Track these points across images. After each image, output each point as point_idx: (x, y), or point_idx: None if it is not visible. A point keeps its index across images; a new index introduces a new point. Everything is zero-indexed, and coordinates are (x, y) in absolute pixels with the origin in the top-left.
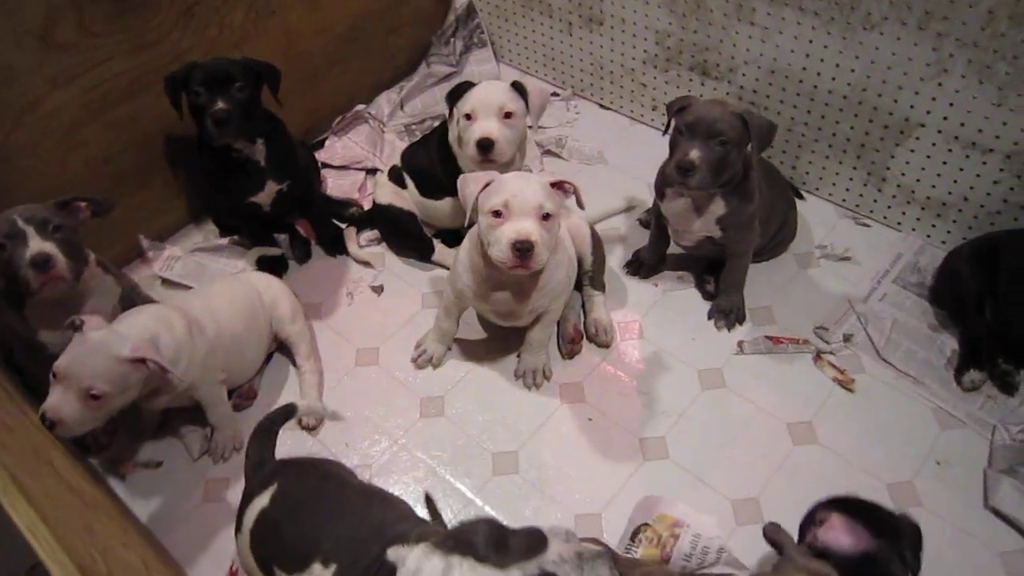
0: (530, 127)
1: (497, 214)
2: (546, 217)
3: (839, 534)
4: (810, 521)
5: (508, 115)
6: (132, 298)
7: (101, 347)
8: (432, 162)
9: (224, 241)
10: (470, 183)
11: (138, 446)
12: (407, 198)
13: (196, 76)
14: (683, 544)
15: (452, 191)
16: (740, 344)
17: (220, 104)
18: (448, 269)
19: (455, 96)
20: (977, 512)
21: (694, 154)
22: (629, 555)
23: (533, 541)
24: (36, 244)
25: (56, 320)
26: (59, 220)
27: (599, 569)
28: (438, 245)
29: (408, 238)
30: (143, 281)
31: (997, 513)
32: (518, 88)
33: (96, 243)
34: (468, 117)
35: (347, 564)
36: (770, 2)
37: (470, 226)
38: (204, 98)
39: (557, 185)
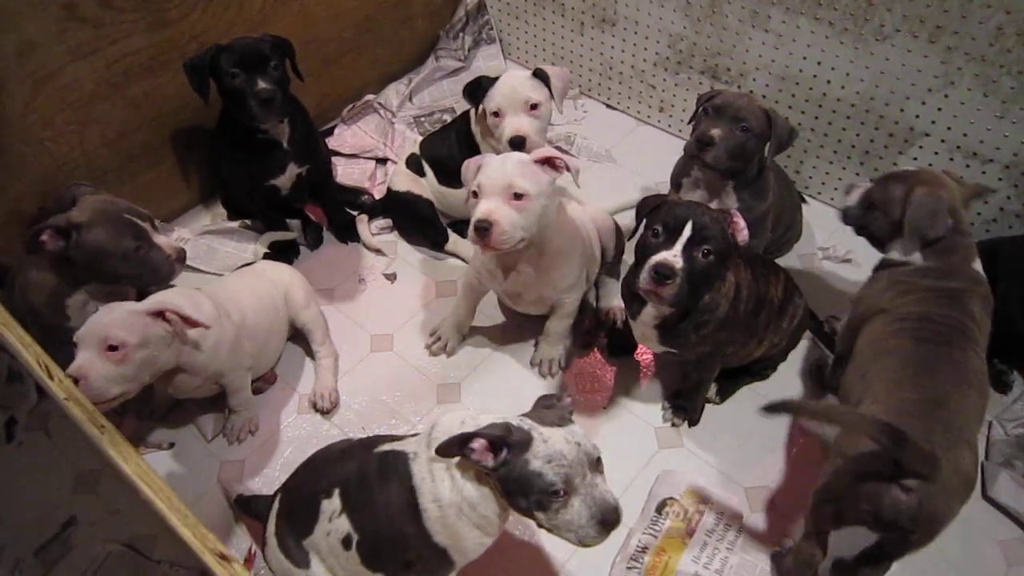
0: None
1: (475, 195)
2: (518, 196)
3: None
4: None
5: (534, 107)
6: None
7: (117, 305)
8: (452, 151)
9: (234, 224)
10: (470, 167)
11: (149, 428)
12: (425, 186)
13: (228, 58)
14: (707, 520)
15: None
16: None
17: (263, 84)
18: (459, 258)
19: (476, 93)
20: (976, 503)
21: (715, 131)
22: (656, 527)
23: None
24: (162, 240)
25: (90, 311)
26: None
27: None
28: (452, 235)
29: (424, 225)
30: None
31: (995, 504)
32: (540, 76)
33: None
34: (496, 114)
35: (352, 478)
36: (785, 10)
37: None
38: (242, 79)
39: (547, 162)
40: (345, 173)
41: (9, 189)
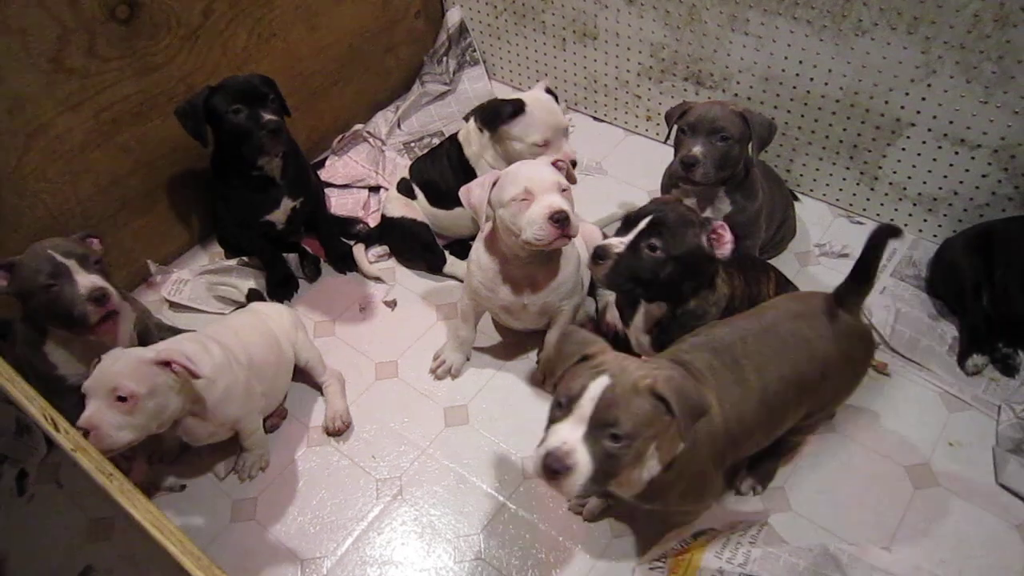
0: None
1: (521, 199)
2: (564, 191)
3: None
4: None
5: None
6: (145, 322)
7: (126, 353)
8: (445, 175)
9: (232, 262)
10: (475, 189)
11: (160, 472)
12: (418, 209)
13: (225, 97)
14: None
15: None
16: None
17: (269, 115)
18: (460, 280)
19: (495, 121)
20: (991, 488)
21: (697, 149)
22: None
23: None
24: (84, 279)
25: (75, 351)
26: (90, 253)
27: None
28: (449, 257)
29: (421, 249)
30: (150, 305)
31: (1008, 489)
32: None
33: None
34: (538, 144)
35: None
36: (763, 12)
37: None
38: (246, 114)
39: (556, 165)
40: (339, 204)
41: (6, 242)
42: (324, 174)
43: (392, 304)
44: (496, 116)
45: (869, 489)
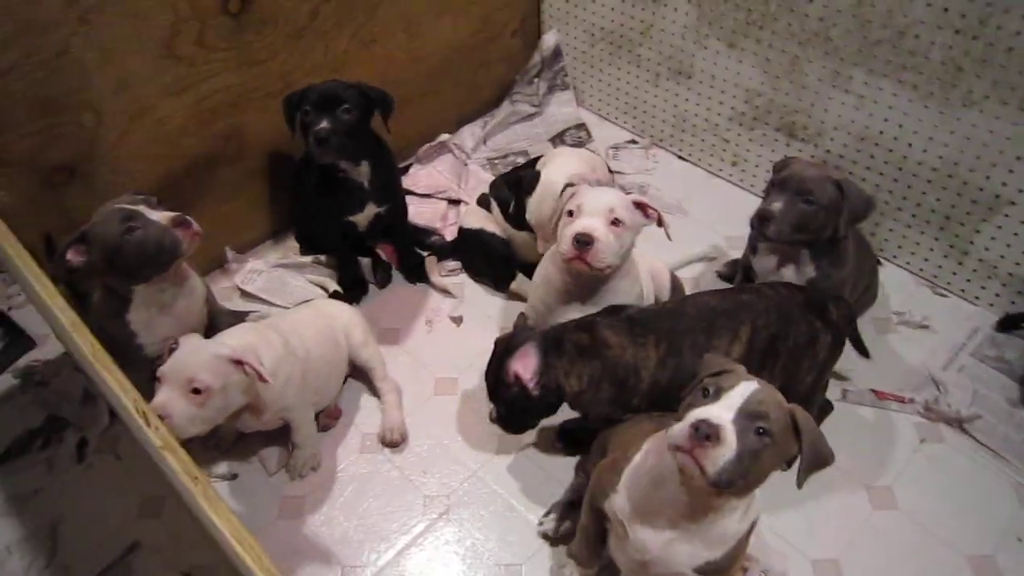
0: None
1: (570, 214)
2: (616, 223)
3: None
4: None
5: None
6: (211, 302)
7: (202, 346)
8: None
9: (307, 259)
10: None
11: (213, 459)
12: (497, 223)
13: (309, 97)
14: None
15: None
16: (844, 392)
17: (323, 124)
18: (523, 300)
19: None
20: None
21: (775, 205)
22: None
23: None
24: (158, 214)
25: (155, 324)
26: (150, 198)
27: None
28: (519, 275)
29: (496, 261)
30: (221, 292)
31: None
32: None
33: None
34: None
35: None
36: (869, 72)
37: None
38: (311, 117)
39: (640, 207)
40: (417, 212)
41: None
42: (406, 181)
43: (458, 320)
44: (506, 203)
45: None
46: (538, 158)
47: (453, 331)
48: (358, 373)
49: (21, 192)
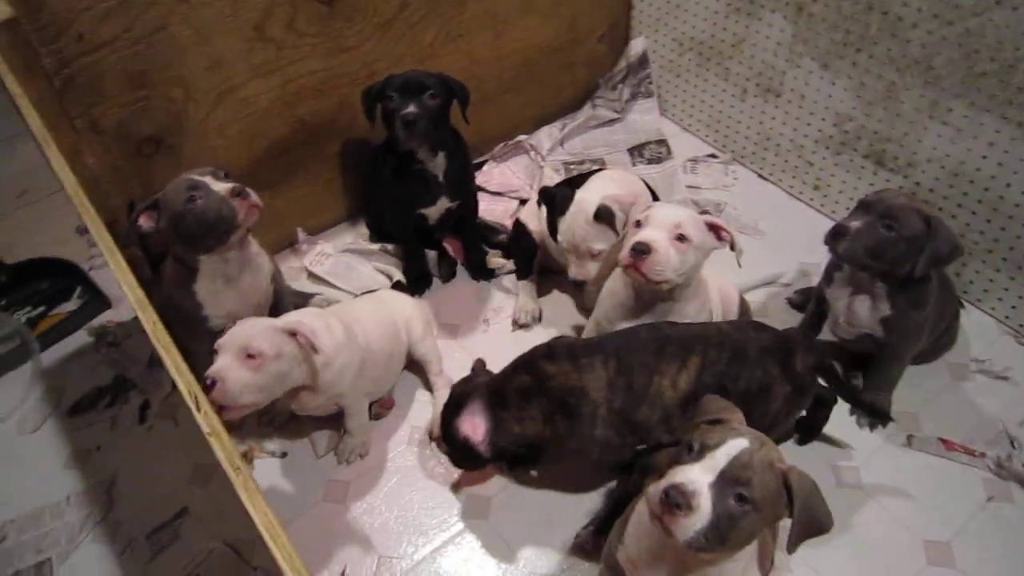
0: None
1: (637, 224)
2: (681, 239)
3: None
4: None
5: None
6: (278, 280)
7: (258, 319)
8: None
9: (375, 247)
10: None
11: (266, 434)
12: (540, 223)
13: (392, 84)
14: None
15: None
16: (909, 438)
17: (411, 108)
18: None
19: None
20: None
21: (853, 224)
22: None
23: None
24: (220, 185)
25: (220, 296)
26: (219, 170)
27: None
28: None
29: (522, 253)
30: (289, 271)
31: None
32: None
33: (253, 228)
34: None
35: None
36: (970, 105)
37: None
38: (397, 102)
39: (714, 228)
40: (487, 209)
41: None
42: (480, 178)
43: (517, 323)
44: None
45: None
46: (579, 177)
47: (510, 333)
48: (414, 366)
49: (110, 160)
